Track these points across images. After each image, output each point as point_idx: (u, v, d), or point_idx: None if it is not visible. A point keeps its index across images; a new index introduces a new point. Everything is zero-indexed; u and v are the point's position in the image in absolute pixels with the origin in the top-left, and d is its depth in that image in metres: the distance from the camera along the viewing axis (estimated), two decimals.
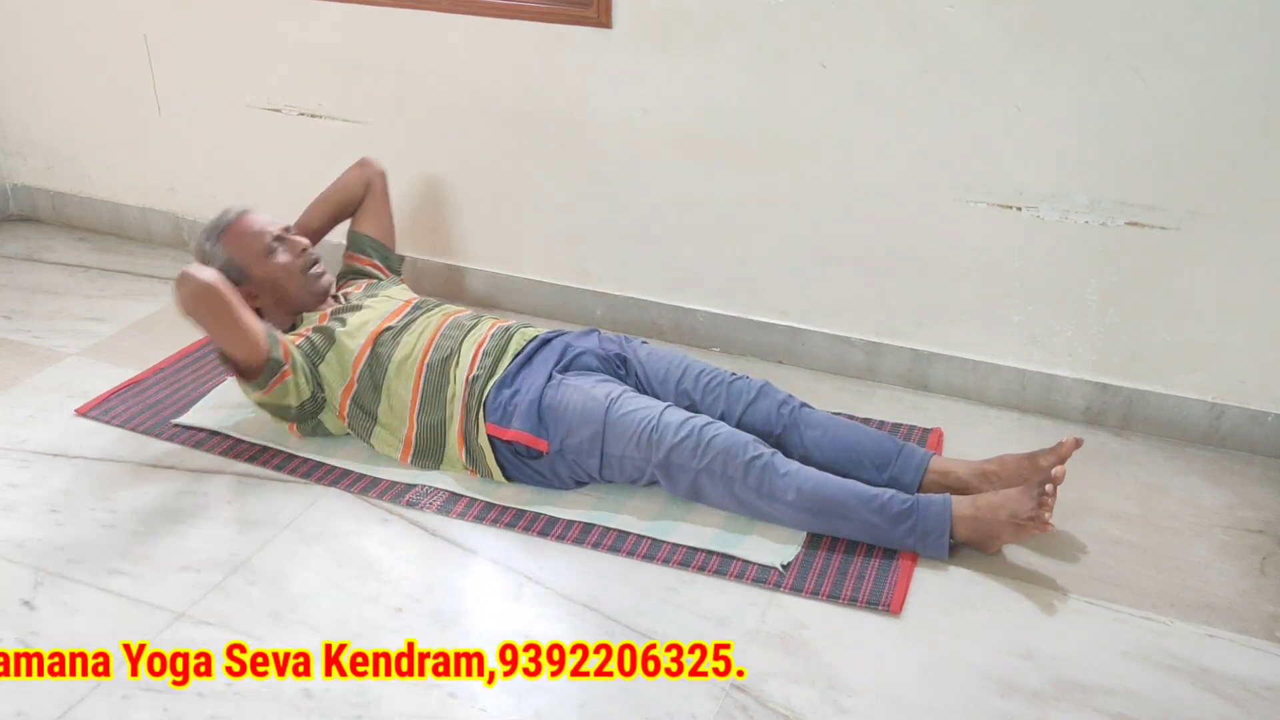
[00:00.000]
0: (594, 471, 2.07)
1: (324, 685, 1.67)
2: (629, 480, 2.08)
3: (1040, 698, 1.66)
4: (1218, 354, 2.25)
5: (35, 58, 3.18)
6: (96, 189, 3.31)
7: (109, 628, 1.78)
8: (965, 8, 2.15)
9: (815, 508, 1.93)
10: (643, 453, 2.01)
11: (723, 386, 2.16)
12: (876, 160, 2.34)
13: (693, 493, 2.02)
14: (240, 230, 2.29)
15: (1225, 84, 2.04)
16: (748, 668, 1.71)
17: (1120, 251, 2.23)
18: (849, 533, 1.95)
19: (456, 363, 2.16)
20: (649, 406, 2.03)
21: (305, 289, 2.32)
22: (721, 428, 1.99)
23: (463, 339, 2.20)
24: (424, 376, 2.16)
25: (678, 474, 2.00)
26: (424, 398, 2.15)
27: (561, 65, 2.53)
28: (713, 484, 1.98)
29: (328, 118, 2.86)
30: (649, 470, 2.03)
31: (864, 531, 1.94)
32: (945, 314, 2.43)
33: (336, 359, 2.20)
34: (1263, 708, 1.65)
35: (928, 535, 1.91)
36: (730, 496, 1.99)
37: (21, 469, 2.19)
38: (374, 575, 1.91)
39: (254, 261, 2.27)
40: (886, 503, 1.92)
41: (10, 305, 2.87)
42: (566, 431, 2.04)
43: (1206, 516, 2.09)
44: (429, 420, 2.15)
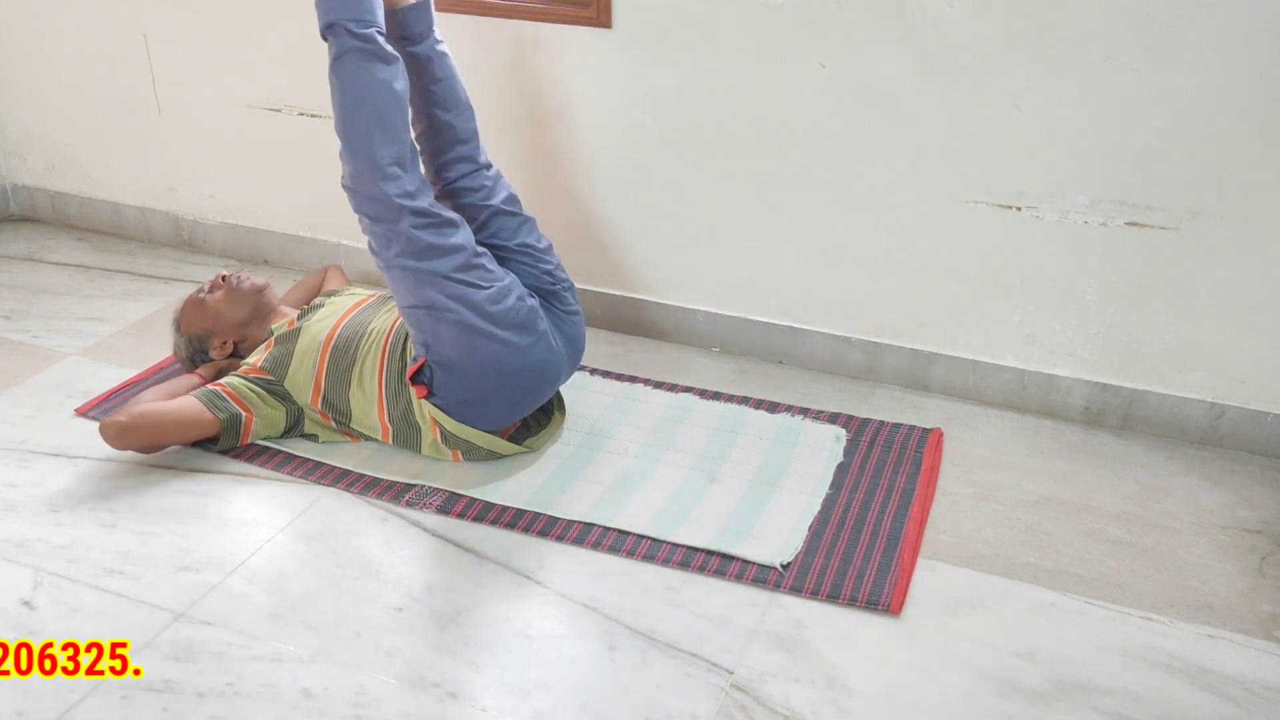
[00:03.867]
0: (452, 320, 2.05)
1: (324, 685, 1.67)
2: (460, 278, 2.06)
3: (1040, 698, 1.66)
4: (1218, 354, 2.25)
5: (35, 58, 3.18)
6: (96, 189, 3.31)
7: (109, 628, 1.78)
8: (965, 8, 2.15)
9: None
10: (389, 275, 2.09)
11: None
12: (876, 160, 2.34)
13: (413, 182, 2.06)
14: (184, 315, 2.41)
15: (1225, 84, 2.04)
16: (748, 667, 1.71)
17: (1120, 251, 2.23)
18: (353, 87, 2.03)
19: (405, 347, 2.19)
20: None
21: (245, 301, 2.39)
22: None
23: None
24: (385, 369, 2.18)
25: (391, 201, 2.04)
26: (388, 390, 2.18)
27: (561, 65, 2.53)
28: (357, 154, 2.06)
29: (328, 118, 2.85)
30: (396, 266, 2.06)
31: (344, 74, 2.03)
32: (945, 314, 2.43)
33: (300, 365, 2.24)
34: (1263, 708, 1.65)
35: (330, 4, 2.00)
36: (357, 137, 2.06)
37: (21, 469, 2.19)
38: (374, 575, 1.91)
39: (197, 320, 2.38)
40: None
41: (10, 305, 2.87)
42: (414, 338, 2.11)
43: (1206, 516, 2.09)
44: (398, 408, 2.17)
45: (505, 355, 2.08)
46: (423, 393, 2.11)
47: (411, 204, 2.03)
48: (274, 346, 2.28)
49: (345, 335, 2.25)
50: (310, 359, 2.24)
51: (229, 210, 3.13)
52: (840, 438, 2.30)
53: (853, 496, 2.11)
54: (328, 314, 2.33)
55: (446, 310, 2.04)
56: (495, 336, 2.06)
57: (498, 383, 2.10)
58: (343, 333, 2.25)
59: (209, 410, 2.16)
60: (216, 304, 2.38)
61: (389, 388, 2.18)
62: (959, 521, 2.06)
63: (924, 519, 2.05)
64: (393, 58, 2.05)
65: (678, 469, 2.19)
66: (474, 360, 2.07)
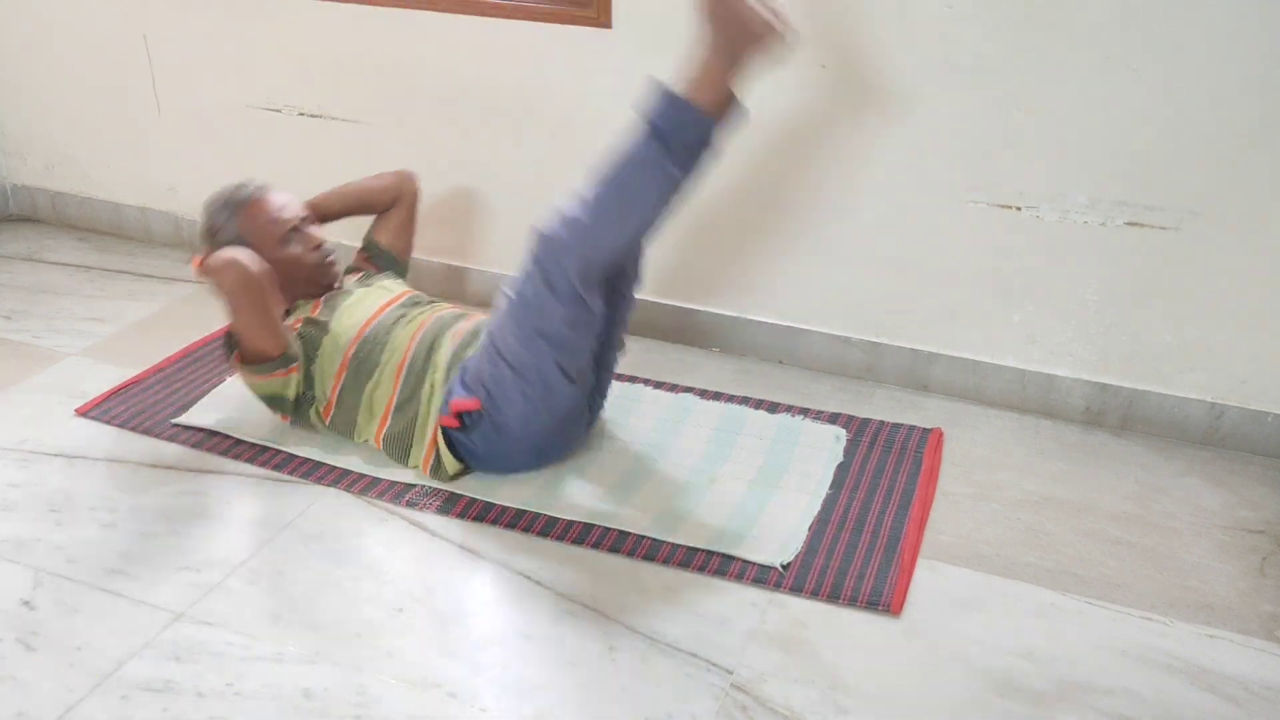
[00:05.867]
0: (523, 390, 2.00)
1: (324, 685, 1.67)
2: (553, 367, 2.00)
3: (1040, 698, 1.66)
4: (1218, 354, 2.25)
5: (35, 58, 3.18)
6: (96, 189, 3.31)
7: (109, 628, 1.78)
8: (965, 8, 2.15)
9: (606, 196, 1.90)
10: (515, 323, 1.98)
11: None
12: (876, 160, 2.34)
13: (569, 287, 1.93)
14: (258, 210, 2.27)
15: (1225, 84, 2.04)
16: (748, 667, 1.71)
17: (1120, 251, 2.23)
18: (647, 191, 1.91)
19: (433, 366, 2.15)
20: None
21: (312, 281, 2.33)
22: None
23: (441, 339, 2.19)
24: (403, 378, 2.16)
25: (539, 300, 1.94)
26: (401, 399, 2.16)
27: (561, 65, 2.53)
28: (551, 268, 1.92)
29: (328, 118, 2.86)
30: (529, 330, 1.96)
31: (647, 179, 1.90)
32: (945, 314, 2.43)
33: (327, 354, 2.22)
34: (1263, 708, 1.65)
35: (675, 124, 1.87)
36: (571, 255, 1.92)
37: (21, 469, 2.19)
38: (374, 575, 1.91)
39: (266, 245, 2.25)
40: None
41: (10, 305, 2.87)
42: (478, 375, 2.05)
43: (1206, 517, 2.09)
44: (404, 418, 2.16)
45: (550, 438, 2.11)
46: (455, 424, 2.07)
47: (582, 297, 1.96)
48: (302, 325, 2.26)
49: (367, 345, 2.20)
50: (333, 361, 2.21)
51: None
52: (840, 438, 2.30)
53: (853, 496, 2.11)
54: (355, 310, 2.27)
55: (530, 382, 2.01)
56: (552, 420, 2.07)
57: (525, 453, 2.12)
58: (365, 342, 2.20)
59: (287, 332, 2.13)
60: (288, 255, 2.26)
61: (397, 408, 2.16)
62: (959, 521, 2.06)
63: (924, 519, 2.05)
64: (680, 188, 1.95)
65: (678, 469, 2.19)
66: (525, 432, 2.07)
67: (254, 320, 2.13)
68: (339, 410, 2.22)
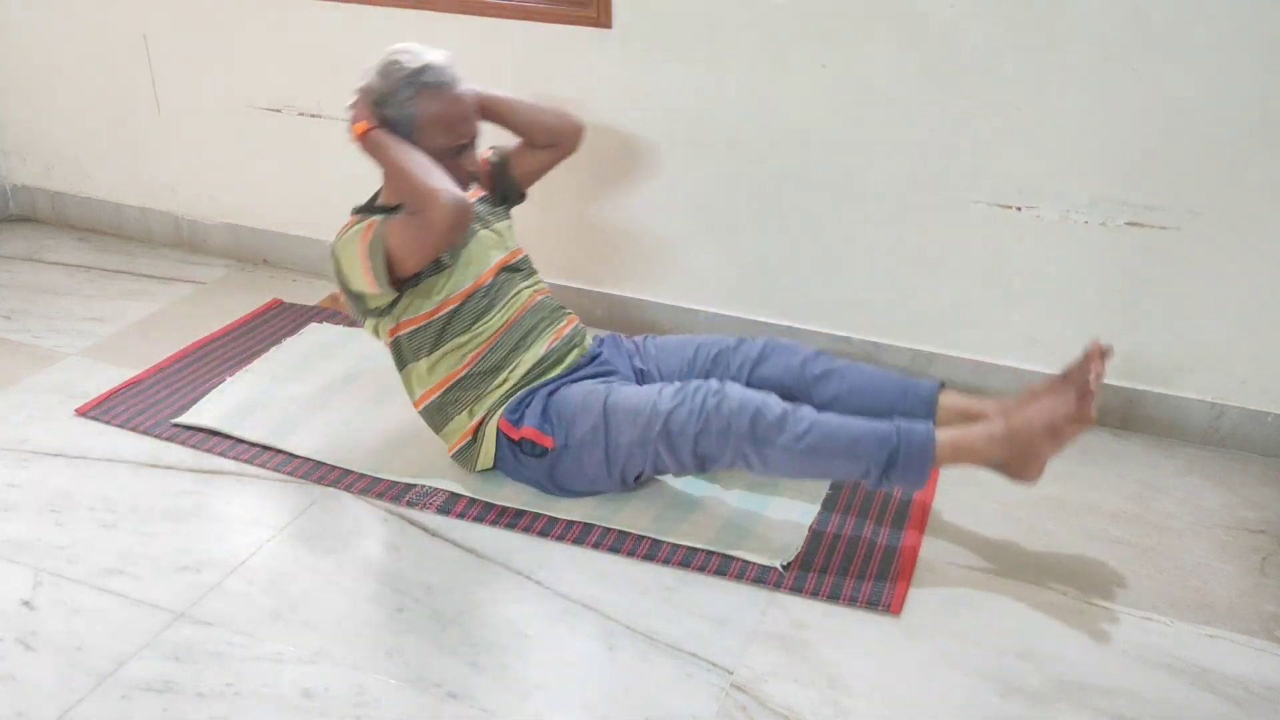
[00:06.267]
0: (597, 468, 2.01)
1: (324, 685, 1.67)
2: (634, 473, 2.02)
3: (1040, 698, 1.66)
4: (1218, 354, 2.25)
5: (35, 58, 3.18)
6: (96, 189, 3.31)
7: (109, 628, 1.78)
8: (965, 8, 2.15)
9: (812, 448, 1.86)
10: (643, 430, 1.94)
11: (728, 353, 2.13)
12: (876, 160, 2.34)
13: (697, 460, 1.95)
14: (445, 106, 2.03)
15: (1225, 84, 2.04)
16: (748, 667, 1.71)
17: (1120, 251, 2.23)
18: (836, 473, 1.91)
19: (516, 362, 2.10)
20: (647, 387, 2.01)
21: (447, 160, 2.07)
22: (722, 389, 1.93)
23: (537, 333, 2.13)
24: (478, 360, 2.09)
25: (679, 442, 1.93)
26: (469, 373, 2.09)
27: (561, 65, 2.53)
28: (711, 442, 1.91)
29: (328, 118, 2.86)
30: (652, 449, 1.95)
31: (848, 470, 1.88)
32: (945, 314, 2.43)
33: (429, 289, 2.06)
34: (1263, 708, 1.65)
35: (909, 465, 1.83)
36: (732, 451, 1.91)
37: (21, 469, 2.19)
38: (374, 575, 1.91)
39: (431, 141, 2.03)
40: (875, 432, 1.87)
41: (10, 305, 2.87)
42: (571, 424, 2.01)
43: (1206, 516, 2.09)
44: (461, 394, 2.10)
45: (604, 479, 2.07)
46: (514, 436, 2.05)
47: (698, 467, 1.98)
48: None
49: (464, 311, 2.07)
50: (428, 300, 2.06)
51: (229, 210, 3.13)
52: None
53: (853, 497, 2.11)
54: (472, 259, 2.11)
55: (610, 468, 2.01)
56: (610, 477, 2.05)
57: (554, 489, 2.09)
58: (466, 303, 2.07)
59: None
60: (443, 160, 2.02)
61: (457, 384, 2.09)
62: (959, 521, 2.06)
63: (924, 519, 2.05)
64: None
65: None
66: (568, 486, 2.07)
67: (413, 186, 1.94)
68: (404, 346, 2.11)
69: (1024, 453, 1.83)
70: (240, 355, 2.61)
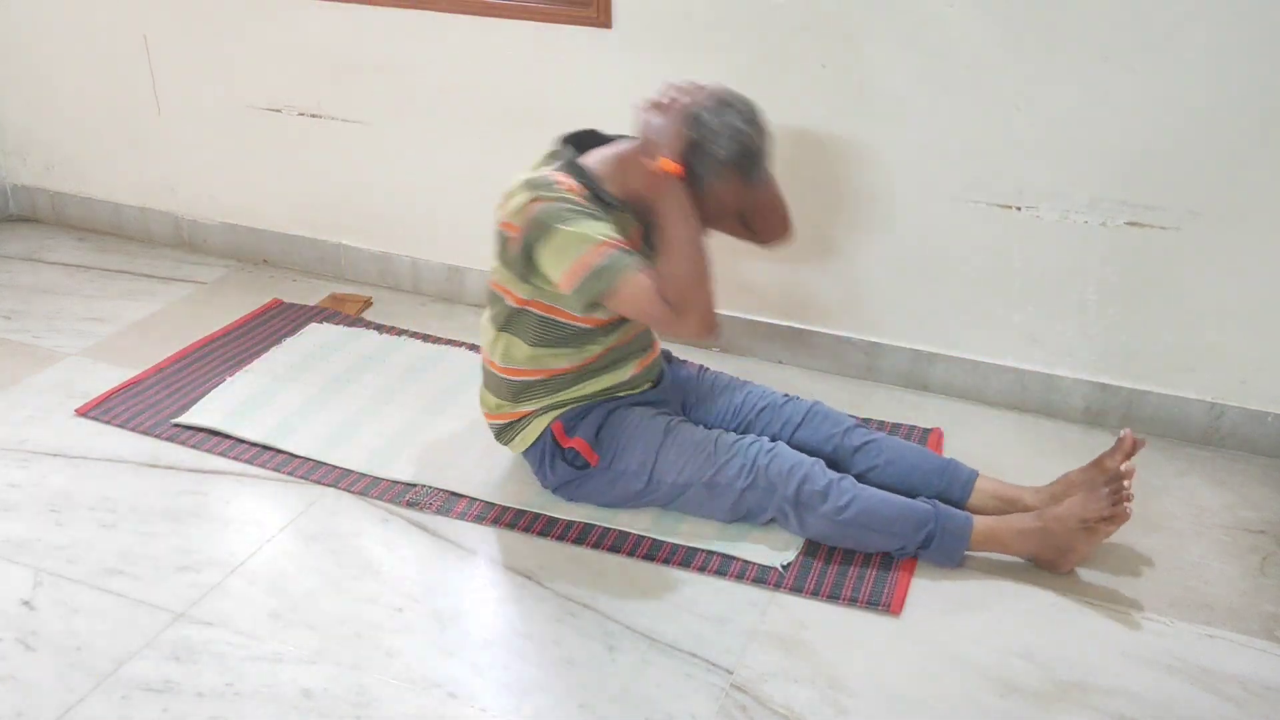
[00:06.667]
0: (626, 495, 2.03)
1: (324, 685, 1.67)
2: (664, 503, 2.03)
3: (1040, 698, 1.66)
4: (1218, 354, 2.25)
5: (36, 58, 3.18)
6: (96, 189, 3.31)
7: (109, 628, 1.78)
8: (965, 7, 2.15)
9: (851, 521, 1.90)
10: (691, 475, 1.98)
11: (773, 410, 2.14)
12: (876, 160, 2.34)
13: (735, 511, 1.99)
14: (748, 198, 1.98)
15: (1225, 84, 2.04)
16: (748, 667, 1.71)
17: (1120, 251, 2.23)
18: (871, 546, 1.94)
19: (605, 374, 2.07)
20: (703, 433, 2.02)
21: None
22: (775, 450, 1.97)
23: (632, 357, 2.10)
24: (585, 366, 2.05)
25: (723, 492, 1.97)
26: (561, 377, 2.04)
27: (561, 65, 2.53)
28: (757, 497, 1.96)
29: (328, 118, 2.86)
30: (693, 492, 1.99)
31: (883, 544, 1.93)
32: (945, 314, 2.43)
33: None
34: (1263, 708, 1.65)
35: (943, 548, 1.90)
36: (774, 509, 1.96)
37: (21, 469, 2.19)
38: (374, 575, 1.91)
39: (709, 212, 1.91)
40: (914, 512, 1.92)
41: (10, 305, 2.87)
42: (620, 451, 2.01)
43: (1206, 517, 2.09)
44: (543, 387, 2.04)
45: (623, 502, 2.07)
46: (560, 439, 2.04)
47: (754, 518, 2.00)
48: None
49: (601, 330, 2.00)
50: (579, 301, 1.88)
51: (229, 210, 3.13)
52: None
53: None
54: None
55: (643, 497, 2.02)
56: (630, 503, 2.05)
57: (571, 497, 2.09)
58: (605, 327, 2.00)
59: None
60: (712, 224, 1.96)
61: (537, 383, 2.03)
62: None
63: None
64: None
65: None
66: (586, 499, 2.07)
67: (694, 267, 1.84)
68: (524, 321, 1.99)
69: (1059, 548, 1.89)
70: (240, 355, 2.61)
